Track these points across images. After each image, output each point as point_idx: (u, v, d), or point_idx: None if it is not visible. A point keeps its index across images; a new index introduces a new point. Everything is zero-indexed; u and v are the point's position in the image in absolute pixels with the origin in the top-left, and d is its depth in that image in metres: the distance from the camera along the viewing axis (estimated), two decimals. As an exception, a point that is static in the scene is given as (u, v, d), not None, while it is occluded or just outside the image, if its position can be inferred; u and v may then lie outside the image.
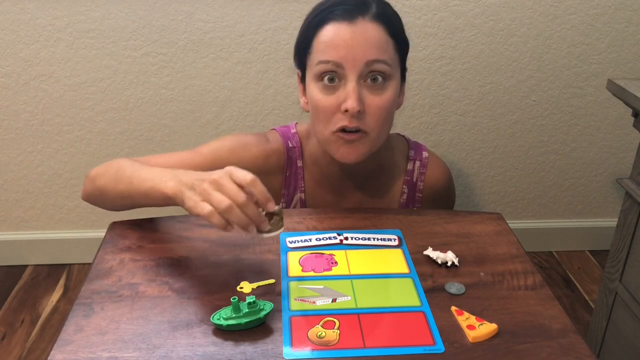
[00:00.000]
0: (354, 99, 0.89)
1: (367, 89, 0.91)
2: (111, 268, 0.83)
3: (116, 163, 0.94)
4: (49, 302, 1.76)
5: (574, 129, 1.85)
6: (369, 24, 0.90)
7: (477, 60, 1.72)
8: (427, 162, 1.08)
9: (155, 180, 0.84)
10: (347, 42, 0.89)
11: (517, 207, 1.97)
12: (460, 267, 0.85)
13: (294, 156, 1.05)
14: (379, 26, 0.90)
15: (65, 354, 0.68)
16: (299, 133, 1.06)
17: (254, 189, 0.75)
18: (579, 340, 0.72)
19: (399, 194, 1.08)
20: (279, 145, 1.04)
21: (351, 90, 0.89)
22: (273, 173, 1.04)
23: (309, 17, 0.95)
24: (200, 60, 1.66)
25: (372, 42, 0.89)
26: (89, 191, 0.96)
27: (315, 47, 0.92)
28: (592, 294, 1.85)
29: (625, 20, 1.70)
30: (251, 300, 0.72)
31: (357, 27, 0.89)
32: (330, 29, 0.90)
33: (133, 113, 1.71)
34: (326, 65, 0.90)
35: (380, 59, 0.90)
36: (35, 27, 1.59)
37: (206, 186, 0.75)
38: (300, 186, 1.06)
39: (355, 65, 0.89)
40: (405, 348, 0.70)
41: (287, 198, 1.07)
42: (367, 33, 0.89)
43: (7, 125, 1.71)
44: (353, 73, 0.89)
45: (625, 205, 1.24)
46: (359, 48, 0.89)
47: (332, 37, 0.90)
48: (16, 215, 1.85)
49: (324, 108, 0.92)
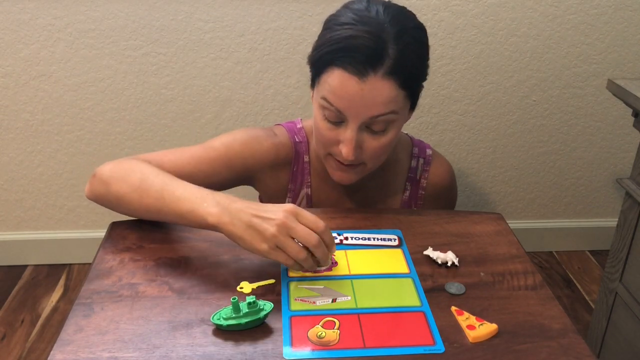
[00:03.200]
0: (350, 148, 0.88)
1: (368, 133, 0.90)
2: (111, 268, 0.83)
3: (136, 169, 0.87)
4: (49, 302, 1.76)
5: (574, 129, 1.85)
6: (380, 81, 0.84)
7: (477, 60, 1.72)
8: (430, 159, 1.08)
9: (195, 203, 0.79)
10: (353, 98, 0.85)
11: (517, 207, 1.97)
12: (460, 267, 0.85)
13: (301, 151, 1.04)
14: (390, 82, 0.85)
15: (65, 354, 0.68)
16: (305, 129, 1.05)
17: (325, 237, 0.76)
18: (579, 340, 0.72)
19: (401, 191, 1.08)
20: (287, 140, 1.03)
21: (348, 140, 0.88)
22: (282, 168, 1.04)
23: (322, 45, 0.88)
24: (200, 60, 1.66)
25: (380, 100, 0.85)
26: (100, 193, 0.89)
27: (324, 80, 0.88)
28: (592, 294, 1.85)
29: (625, 20, 1.70)
30: (251, 300, 0.72)
31: (366, 84, 0.84)
32: (338, 76, 0.85)
33: (133, 113, 1.71)
34: (329, 107, 0.88)
35: (385, 112, 0.87)
36: (35, 27, 1.59)
37: (275, 232, 0.74)
38: (307, 181, 1.06)
39: (357, 117, 0.87)
40: (405, 348, 0.70)
41: (294, 193, 1.06)
42: (375, 92, 0.84)
43: (7, 125, 1.71)
44: (354, 122, 0.87)
45: (625, 205, 1.24)
46: (364, 105, 0.85)
47: (338, 86, 0.85)
48: (16, 215, 1.85)
49: (323, 136, 0.92)
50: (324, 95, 0.88)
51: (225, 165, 0.98)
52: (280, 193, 1.06)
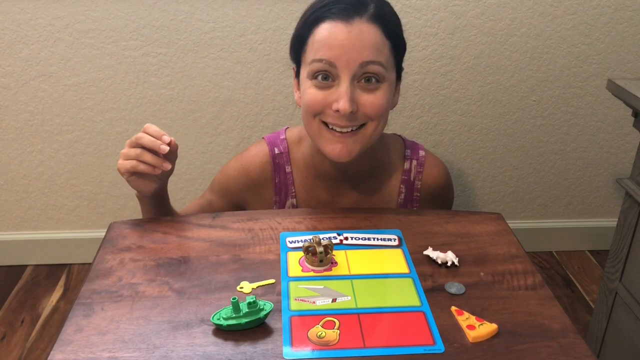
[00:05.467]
0: (346, 100, 0.89)
1: (361, 88, 0.91)
2: (111, 268, 0.83)
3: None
4: (49, 302, 1.76)
5: (574, 129, 1.85)
6: (365, 24, 0.89)
7: (477, 60, 1.72)
8: (424, 160, 1.08)
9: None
10: (342, 42, 0.88)
11: (517, 207, 1.97)
12: (460, 267, 0.85)
13: (281, 162, 1.05)
14: (375, 27, 0.89)
15: (65, 354, 0.68)
16: (288, 138, 1.07)
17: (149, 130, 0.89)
18: (579, 340, 0.72)
19: (396, 194, 1.08)
20: (263, 156, 1.06)
21: (343, 91, 0.89)
22: (261, 185, 1.07)
23: (306, 13, 0.94)
24: (200, 60, 1.66)
25: (368, 43, 0.89)
26: None
27: (310, 44, 0.92)
28: (592, 294, 1.85)
29: (625, 20, 1.70)
30: (251, 300, 0.72)
31: (353, 27, 0.88)
32: (325, 27, 0.90)
33: (133, 113, 1.71)
34: (320, 64, 0.90)
35: (375, 60, 0.89)
36: (35, 27, 1.59)
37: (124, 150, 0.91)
38: (291, 192, 1.06)
39: (349, 65, 0.89)
40: (405, 348, 0.70)
41: (280, 205, 1.07)
42: (363, 34, 0.88)
43: (7, 125, 1.71)
44: (346, 73, 0.89)
45: (625, 205, 1.24)
46: (353, 49, 0.88)
47: (327, 36, 0.89)
48: (16, 215, 1.85)
49: (315, 104, 0.92)
50: (313, 56, 0.91)
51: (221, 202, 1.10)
52: (268, 208, 1.09)
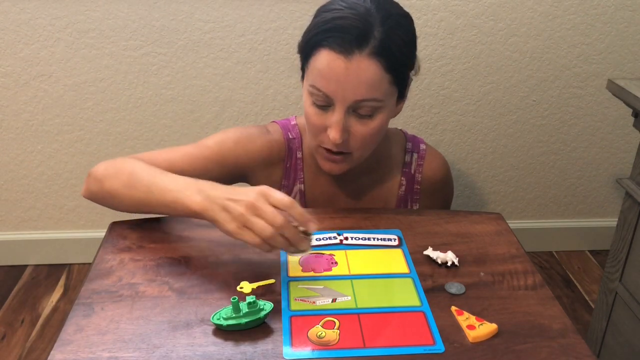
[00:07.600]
0: (337, 131, 0.90)
1: (355, 117, 0.91)
2: (111, 268, 0.83)
3: (127, 166, 0.90)
4: (49, 302, 1.76)
5: (574, 129, 1.85)
6: (365, 60, 0.86)
7: (477, 60, 1.72)
8: (424, 154, 1.09)
9: (179, 192, 0.82)
10: (339, 78, 0.87)
11: (517, 207, 1.97)
12: (460, 267, 0.85)
13: (294, 147, 1.06)
14: (375, 63, 0.86)
15: (65, 354, 0.68)
16: (299, 125, 1.07)
17: (293, 212, 0.76)
18: (579, 340, 0.72)
19: (397, 186, 1.08)
20: (280, 137, 1.05)
21: (335, 122, 0.90)
22: (275, 164, 1.06)
23: (311, 29, 0.91)
24: (200, 60, 1.66)
25: (364, 82, 0.87)
26: (94, 191, 0.92)
27: (311, 66, 0.90)
28: (592, 294, 1.85)
29: (625, 20, 1.70)
30: (251, 300, 0.72)
31: (351, 63, 0.86)
32: (325, 57, 0.87)
33: (133, 113, 1.71)
34: (317, 92, 0.90)
35: (370, 97, 0.89)
36: (35, 27, 1.59)
37: (243, 211, 0.75)
38: (300, 177, 1.07)
39: (344, 100, 0.89)
40: (405, 348, 0.70)
41: (287, 189, 1.07)
42: (360, 71, 0.86)
43: (7, 125, 1.71)
44: (341, 106, 0.89)
45: (625, 205, 1.24)
46: (350, 86, 0.87)
47: (325, 67, 0.87)
48: (16, 215, 1.85)
49: (312, 123, 0.94)
50: (311, 81, 0.90)
51: (218, 163, 1.00)
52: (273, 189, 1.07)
